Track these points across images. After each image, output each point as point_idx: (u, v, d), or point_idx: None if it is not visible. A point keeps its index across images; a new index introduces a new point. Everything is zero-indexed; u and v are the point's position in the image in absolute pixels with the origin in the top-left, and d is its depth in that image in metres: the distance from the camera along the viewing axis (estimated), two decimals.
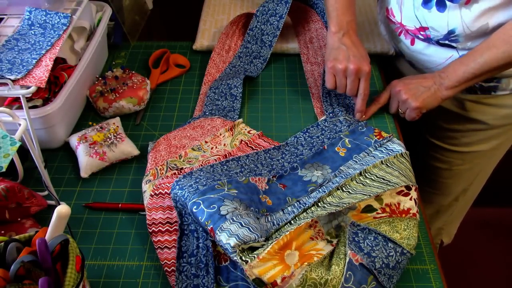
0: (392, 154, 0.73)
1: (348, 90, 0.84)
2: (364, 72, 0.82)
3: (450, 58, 0.83)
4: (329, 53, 0.85)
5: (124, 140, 0.80)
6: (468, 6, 0.75)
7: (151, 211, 0.70)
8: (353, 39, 0.85)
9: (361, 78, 0.83)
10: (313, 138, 0.82)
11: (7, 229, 0.64)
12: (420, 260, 0.67)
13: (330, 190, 0.66)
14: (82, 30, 0.89)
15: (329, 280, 0.57)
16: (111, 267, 0.66)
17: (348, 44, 0.84)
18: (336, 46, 0.84)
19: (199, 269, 0.62)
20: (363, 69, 0.81)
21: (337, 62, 0.82)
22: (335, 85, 0.85)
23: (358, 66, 0.81)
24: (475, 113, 0.92)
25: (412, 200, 0.67)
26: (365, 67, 0.81)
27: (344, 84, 0.84)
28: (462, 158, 1.01)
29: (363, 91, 0.83)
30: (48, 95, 0.78)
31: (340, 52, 0.83)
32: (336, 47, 0.84)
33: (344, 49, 0.83)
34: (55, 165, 0.80)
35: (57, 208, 0.49)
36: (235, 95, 0.90)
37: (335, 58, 0.83)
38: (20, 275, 0.50)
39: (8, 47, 0.73)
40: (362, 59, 0.82)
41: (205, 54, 1.03)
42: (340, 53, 0.83)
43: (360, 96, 0.84)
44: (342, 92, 0.85)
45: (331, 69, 0.83)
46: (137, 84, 0.89)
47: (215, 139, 0.81)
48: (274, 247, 0.57)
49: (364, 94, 0.83)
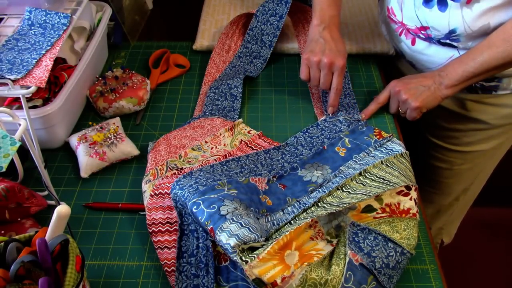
0: (392, 154, 0.73)
1: (321, 83, 0.85)
2: (337, 66, 0.82)
3: (451, 58, 0.83)
4: (307, 45, 0.86)
5: (124, 140, 0.80)
6: (469, 6, 0.75)
7: (151, 211, 0.70)
8: (333, 34, 0.85)
9: (334, 73, 0.83)
10: (313, 138, 0.82)
11: (7, 229, 0.64)
12: (420, 260, 0.67)
13: (330, 190, 0.66)
14: (82, 30, 0.89)
15: (329, 280, 0.57)
16: (111, 267, 0.66)
17: (327, 38, 0.84)
18: (315, 38, 0.85)
19: (199, 269, 0.62)
20: (337, 64, 0.82)
21: (312, 54, 0.83)
22: (308, 77, 0.86)
23: (332, 60, 0.81)
24: (476, 113, 0.92)
25: (412, 200, 0.67)
26: (339, 62, 0.82)
27: (317, 76, 0.84)
28: (463, 158, 1.01)
29: (336, 85, 0.84)
30: (48, 95, 0.78)
31: (317, 45, 0.84)
32: (315, 39, 0.85)
33: (321, 42, 0.84)
34: (55, 165, 0.80)
35: (57, 208, 0.48)
36: (235, 95, 0.90)
37: (311, 51, 0.84)
38: (20, 275, 0.50)
39: (8, 47, 0.73)
40: (337, 54, 0.82)
41: (205, 54, 1.03)
42: (317, 45, 0.84)
43: (332, 91, 0.84)
44: (315, 84, 0.86)
45: (306, 60, 0.84)
46: (137, 84, 0.89)
47: (215, 139, 0.81)
48: (274, 247, 0.57)
49: (336, 89, 0.84)
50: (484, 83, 0.86)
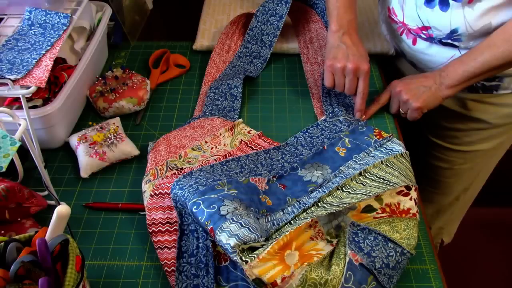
0: (392, 154, 0.72)
1: (347, 89, 0.84)
2: (362, 71, 0.81)
3: (452, 57, 0.83)
4: (328, 52, 0.85)
5: (124, 140, 0.80)
6: (471, 5, 0.75)
7: (151, 211, 0.70)
8: (353, 38, 0.85)
9: (360, 77, 0.82)
10: (313, 138, 0.82)
11: (7, 229, 0.64)
12: (420, 260, 0.67)
13: (330, 190, 0.66)
14: (82, 30, 0.89)
15: (329, 280, 0.57)
16: (111, 267, 0.66)
17: (348, 43, 0.84)
18: (336, 44, 0.84)
19: (199, 269, 0.62)
20: (362, 68, 0.81)
21: (336, 60, 0.82)
22: (333, 84, 0.85)
23: (357, 65, 0.81)
24: (477, 112, 0.92)
25: (412, 200, 0.67)
26: (364, 66, 0.81)
27: (342, 83, 0.84)
28: (464, 157, 1.01)
29: (362, 90, 0.83)
30: (48, 95, 0.78)
31: (339, 51, 0.83)
32: (336, 45, 0.84)
33: (343, 48, 0.83)
34: (55, 165, 0.80)
35: (57, 208, 0.48)
36: (235, 95, 0.90)
37: (334, 57, 0.83)
38: (20, 275, 0.49)
39: (8, 47, 0.73)
40: (361, 58, 0.82)
41: (205, 54, 1.03)
42: (339, 51, 0.83)
43: (359, 95, 0.84)
44: (340, 91, 0.85)
45: (330, 67, 0.83)
46: (137, 84, 0.89)
47: (215, 139, 0.81)
48: (274, 247, 0.57)
49: (363, 93, 0.83)
50: (485, 82, 0.86)
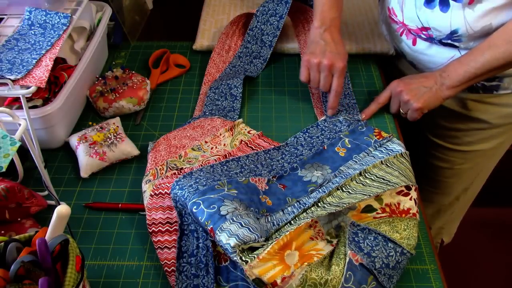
0: (392, 154, 0.73)
1: (321, 85, 0.85)
2: (337, 68, 0.82)
3: (452, 58, 0.83)
4: (308, 47, 0.86)
5: (124, 140, 0.80)
6: (471, 6, 0.75)
7: (151, 211, 0.70)
8: (334, 36, 0.85)
9: (334, 75, 0.83)
10: (313, 138, 0.82)
11: (7, 229, 0.64)
12: (420, 260, 0.67)
13: (330, 190, 0.66)
14: (82, 30, 0.89)
15: (329, 280, 0.57)
16: (111, 267, 0.66)
17: (327, 39, 0.84)
18: (315, 40, 0.85)
19: (199, 269, 0.62)
20: (337, 66, 0.82)
21: (312, 56, 0.83)
22: (308, 79, 0.86)
23: (332, 61, 0.81)
24: (477, 112, 0.92)
25: (412, 200, 0.67)
26: (339, 64, 0.82)
27: (317, 78, 0.84)
28: (464, 157, 1.01)
29: (336, 87, 0.83)
30: (48, 95, 0.78)
31: (317, 47, 0.84)
32: (316, 41, 0.85)
33: (322, 44, 0.84)
34: (55, 165, 0.80)
35: (57, 208, 0.48)
36: (235, 95, 0.90)
37: (312, 52, 0.84)
38: (20, 275, 0.49)
39: (8, 47, 0.73)
40: (337, 56, 0.82)
41: (205, 54, 1.03)
42: (317, 47, 0.84)
43: (332, 93, 0.84)
44: (315, 86, 0.86)
45: (306, 62, 0.84)
46: (137, 84, 0.89)
47: (215, 139, 0.81)
48: (274, 247, 0.57)
49: (336, 91, 0.84)
50: (485, 82, 0.86)
